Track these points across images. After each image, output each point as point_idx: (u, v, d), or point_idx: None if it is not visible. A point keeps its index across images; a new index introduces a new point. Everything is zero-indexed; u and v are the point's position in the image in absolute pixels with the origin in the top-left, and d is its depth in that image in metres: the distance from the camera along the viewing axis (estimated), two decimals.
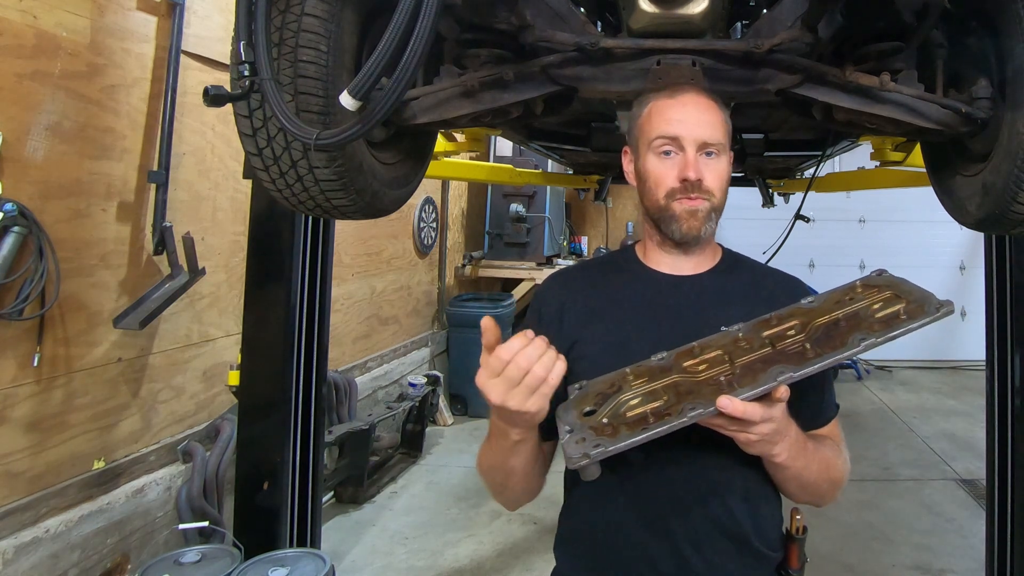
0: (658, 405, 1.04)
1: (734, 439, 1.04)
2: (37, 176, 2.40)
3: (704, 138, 1.22)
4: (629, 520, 1.19)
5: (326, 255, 2.68)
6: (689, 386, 1.06)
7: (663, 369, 1.11)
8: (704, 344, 1.13)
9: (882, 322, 1.04)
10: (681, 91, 1.27)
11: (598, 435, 1.02)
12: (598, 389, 1.13)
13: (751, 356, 1.07)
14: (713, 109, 1.25)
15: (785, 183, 3.92)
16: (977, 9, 1.36)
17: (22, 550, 2.34)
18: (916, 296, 1.07)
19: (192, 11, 3.05)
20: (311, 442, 2.64)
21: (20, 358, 2.38)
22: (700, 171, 1.21)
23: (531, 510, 3.97)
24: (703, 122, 1.23)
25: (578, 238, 7.78)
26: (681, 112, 1.24)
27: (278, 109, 1.17)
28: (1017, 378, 2.49)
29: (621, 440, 0.99)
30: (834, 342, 1.04)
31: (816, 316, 1.11)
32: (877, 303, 1.09)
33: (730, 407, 0.97)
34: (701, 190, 1.22)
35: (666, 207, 1.24)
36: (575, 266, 1.58)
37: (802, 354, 1.04)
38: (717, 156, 1.24)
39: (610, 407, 1.07)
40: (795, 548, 1.25)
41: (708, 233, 1.26)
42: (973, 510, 4.02)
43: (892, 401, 6.30)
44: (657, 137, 1.24)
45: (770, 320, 1.14)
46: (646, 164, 1.26)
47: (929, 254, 7.25)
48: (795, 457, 1.10)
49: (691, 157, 1.21)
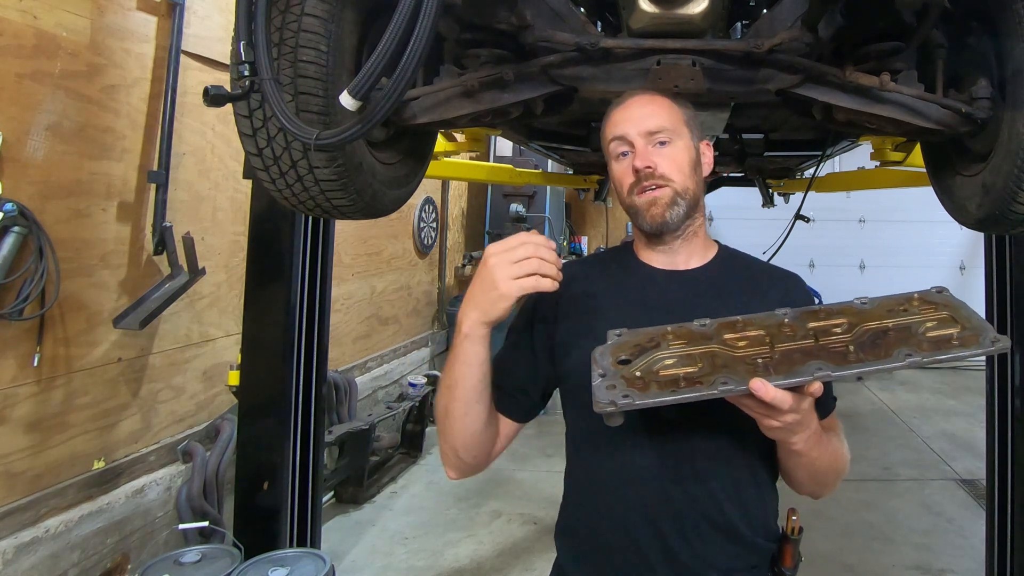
0: (692, 371, 1.04)
1: (756, 420, 1.05)
2: (37, 176, 2.40)
3: (648, 127, 1.25)
4: (618, 510, 1.20)
5: (326, 255, 2.68)
6: (725, 359, 1.06)
7: (704, 336, 1.12)
8: (748, 321, 1.13)
9: (932, 342, 1.02)
10: (627, 96, 1.32)
11: (629, 386, 1.02)
12: (637, 340, 1.13)
13: (792, 344, 1.07)
14: (658, 101, 1.28)
15: (785, 183, 3.92)
16: (977, 9, 1.36)
17: (22, 550, 2.34)
18: (973, 324, 1.04)
19: (192, 11, 3.05)
20: (311, 442, 2.64)
21: (20, 358, 2.38)
22: (648, 159, 1.23)
23: (531, 510, 3.99)
24: (645, 114, 1.26)
25: (578, 238, 7.78)
26: (625, 112, 1.28)
27: (278, 109, 1.17)
28: (1017, 378, 2.49)
29: (650, 397, 1.00)
30: (879, 351, 1.02)
31: (866, 319, 1.09)
32: (931, 321, 1.07)
33: (761, 390, 0.97)
34: (655, 177, 1.24)
35: (631, 203, 1.28)
36: (572, 262, 1.58)
37: (844, 355, 1.03)
38: (670, 142, 1.26)
39: (645, 360, 1.08)
40: (790, 548, 1.25)
41: (675, 218, 1.26)
42: (973, 510, 4.02)
43: (892, 401, 6.30)
44: (611, 141, 1.29)
45: (818, 312, 1.13)
46: (611, 170, 1.32)
47: (929, 254, 7.25)
48: (812, 446, 1.11)
49: (640, 149, 1.25)
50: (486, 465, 1.29)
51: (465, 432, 1.22)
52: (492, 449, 1.28)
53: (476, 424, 1.21)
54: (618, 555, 1.20)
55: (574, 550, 1.28)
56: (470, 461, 1.26)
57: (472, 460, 1.26)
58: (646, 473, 1.18)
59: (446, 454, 1.27)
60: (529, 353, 1.31)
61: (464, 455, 1.24)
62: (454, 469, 1.28)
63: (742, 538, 1.20)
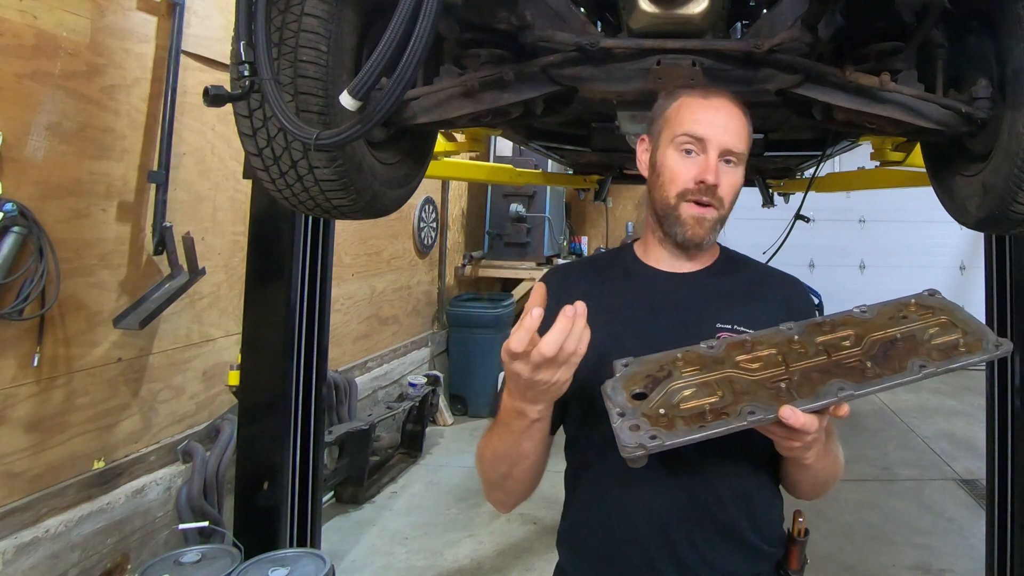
0: (715, 401, 1.01)
1: (775, 442, 1.04)
2: (37, 176, 2.40)
3: (729, 145, 1.21)
4: (626, 518, 1.19)
5: (326, 255, 2.68)
6: (744, 385, 1.04)
7: (715, 360, 1.09)
8: (756, 340, 1.11)
9: (940, 350, 1.04)
10: (715, 94, 1.25)
11: (653, 425, 0.99)
12: (647, 370, 1.09)
13: (807, 363, 1.06)
14: (742, 119, 1.24)
15: (785, 183, 3.93)
16: (977, 9, 1.36)
17: (22, 550, 2.34)
18: (972, 328, 1.06)
19: (192, 11, 3.05)
20: (311, 442, 2.65)
21: (20, 358, 2.38)
22: (718, 177, 1.20)
23: (531, 510, 3.98)
24: (731, 129, 1.21)
25: (578, 238, 7.78)
26: (712, 115, 1.22)
27: (278, 109, 1.17)
28: (1017, 378, 2.49)
29: (679, 435, 0.97)
30: (893, 363, 1.03)
31: (871, 330, 1.09)
32: (933, 327, 1.07)
33: (792, 419, 0.96)
34: (714, 196, 1.21)
35: (675, 206, 1.23)
36: (573, 263, 1.58)
37: (862, 371, 1.03)
38: (736, 166, 1.23)
39: (663, 394, 1.04)
40: (796, 550, 1.25)
41: (710, 242, 1.27)
42: (973, 510, 4.02)
43: (892, 401, 6.30)
44: (683, 134, 1.22)
45: (823, 325, 1.12)
46: (665, 157, 1.24)
47: (929, 254, 7.25)
48: (820, 459, 1.11)
49: (712, 161, 1.20)
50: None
51: (531, 484, 1.26)
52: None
53: (541, 471, 1.24)
54: (625, 561, 1.19)
55: (579, 556, 1.27)
56: (531, 492, 1.29)
57: (534, 489, 1.29)
58: (654, 480, 1.17)
59: (498, 502, 1.31)
60: None
61: (526, 494, 1.29)
62: (505, 508, 1.32)
63: (749, 543, 1.20)
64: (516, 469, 1.20)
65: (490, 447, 1.22)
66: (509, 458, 1.19)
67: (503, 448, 1.18)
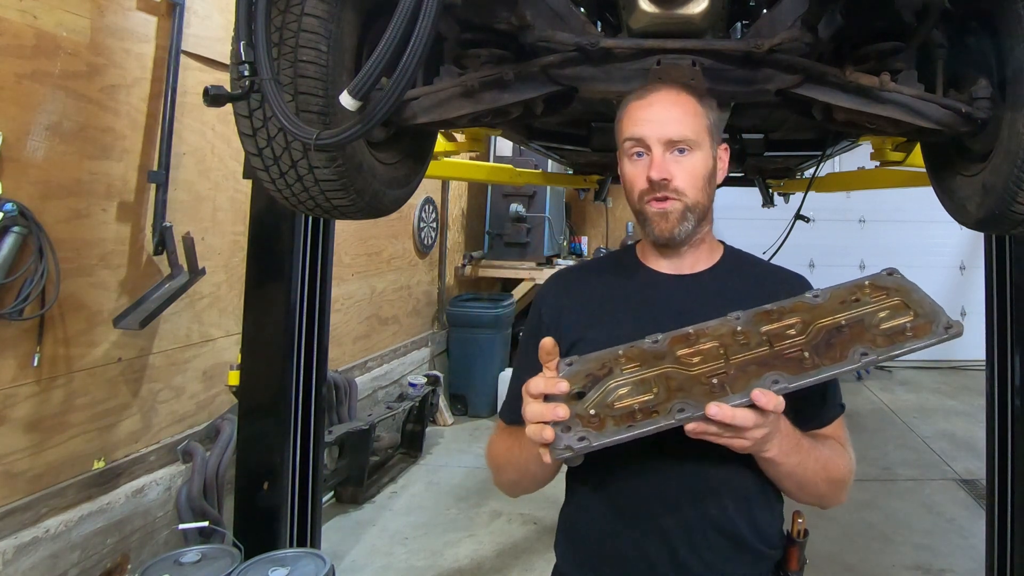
0: (647, 399, 1.01)
1: (726, 445, 1.02)
2: (37, 176, 2.40)
3: (669, 135, 1.20)
4: (625, 520, 1.19)
5: (326, 255, 2.68)
6: (680, 381, 1.03)
7: (656, 355, 1.08)
8: (700, 331, 1.10)
9: (886, 336, 1.01)
10: (651, 90, 1.24)
11: (585, 425, 0.99)
12: (588, 369, 1.09)
13: (747, 355, 1.04)
14: (683, 104, 1.22)
15: (785, 183, 3.92)
16: (977, 9, 1.36)
17: (22, 550, 2.34)
18: (925, 310, 1.02)
19: (192, 11, 3.05)
20: (311, 442, 2.65)
21: (20, 358, 2.38)
22: (666, 170, 1.19)
23: (531, 510, 3.98)
24: (670, 119, 1.20)
25: (578, 238, 7.77)
26: (647, 112, 1.22)
27: (278, 109, 1.17)
28: (1017, 378, 2.49)
29: (606, 436, 0.98)
30: (834, 352, 1.00)
31: (819, 316, 1.07)
32: (884, 310, 1.05)
33: (719, 414, 0.95)
34: (669, 190, 1.20)
35: (640, 209, 1.25)
36: (575, 267, 1.58)
37: (800, 361, 1.00)
38: (690, 152, 1.21)
39: (599, 394, 1.04)
40: (795, 551, 1.24)
41: (684, 233, 1.24)
42: (973, 510, 4.02)
43: (892, 401, 6.30)
44: (626, 140, 1.24)
45: (771, 313, 1.10)
46: (623, 166, 1.27)
47: (929, 254, 7.24)
48: (787, 453, 1.09)
49: (657, 157, 1.20)
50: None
51: (534, 490, 1.30)
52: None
53: (545, 484, 1.28)
54: (624, 562, 1.19)
55: (577, 558, 1.27)
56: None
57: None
58: (654, 482, 1.17)
59: (505, 491, 1.36)
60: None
61: (527, 493, 1.33)
62: (512, 496, 1.38)
63: (749, 545, 1.19)
64: (525, 480, 1.27)
65: (503, 455, 1.25)
66: (518, 471, 1.24)
67: (514, 461, 1.22)
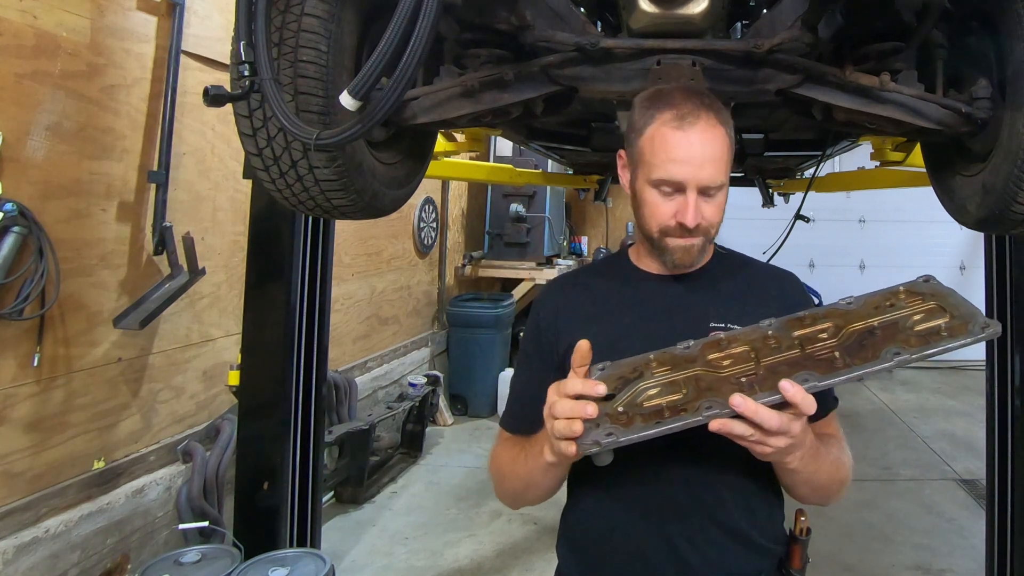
0: (676, 399, 1.01)
1: (748, 448, 1.02)
2: (37, 176, 2.40)
3: (706, 183, 1.16)
4: (626, 520, 1.19)
5: (326, 255, 2.68)
6: (710, 381, 1.03)
7: (687, 359, 1.08)
8: (732, 337, 1.10)
9: (920, 336, 0.98)
10: (690, 116, 1.15)
11: (612, 423, 1.00)
12: (620, 372, 1.09)
13: (778, 357, 1.03)
14: (721, 139, 1.17)
15: (785, 183, 3.93)
16: (977, 9, 1.36)
17: (22, 550, 2.34)
18: (962, 312, 1.00)
19: (192, 11, 3.05)
20: (311, 442, 2.64)
21: (20, 358, 2.38)
22: (700, 216, 1.17)
23: (531, 510, 3.95)
24: (709, 161, 1.15)
25: (578, 238, 7.78)
26: (688, 151, 1.15)
27: (278, 109, 1.17)
28: (1017, 378, 2.49)
29: (634, 432, 0.98)
30: (866, 353, 0.99)
31: (852, 320, 1.05)
32: (919, 314, 1.02)
33: (742, 406, 0.95)
34: (697, 229, 1.19)
35: (659, 240, 1.22)
36: (570, 272, 1.58)
37: (831, 362, 0.99)
38: (718, 191, 1.18)
39: (628, 394, 1.05)
40: (798, 549, 1.24)
41: (699, 260, 1.26)
42: (973, 510, 4.02)
43: (892, 401, 6.29)
44: (659, 179, 1.17)
45: (804, 319, 1.09)
46: (644, 192, 1.21)
47: (929, 254, 7.24)
48: (807, 463, 1.09)
49: (692, 202, 1.16)
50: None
51: (538, 503, 1.30)
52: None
53: (549, 497, 1.29)
54: (625, 561, 1.19)
55: (579, 558, 1.27)
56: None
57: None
58: (655, 479, 1.17)
59: (506, 502, 1.36)
60: (546, 375, 1.26)
61: (528, 505, 1.33)
62: (513, 508, 1.38)
63: (750, 542, 1.20)
64: (529, 491, 1.26)
65: (508, 465, 1.25)
66: (523, 481, 1.23)
67: (519, 471, 1.22)
